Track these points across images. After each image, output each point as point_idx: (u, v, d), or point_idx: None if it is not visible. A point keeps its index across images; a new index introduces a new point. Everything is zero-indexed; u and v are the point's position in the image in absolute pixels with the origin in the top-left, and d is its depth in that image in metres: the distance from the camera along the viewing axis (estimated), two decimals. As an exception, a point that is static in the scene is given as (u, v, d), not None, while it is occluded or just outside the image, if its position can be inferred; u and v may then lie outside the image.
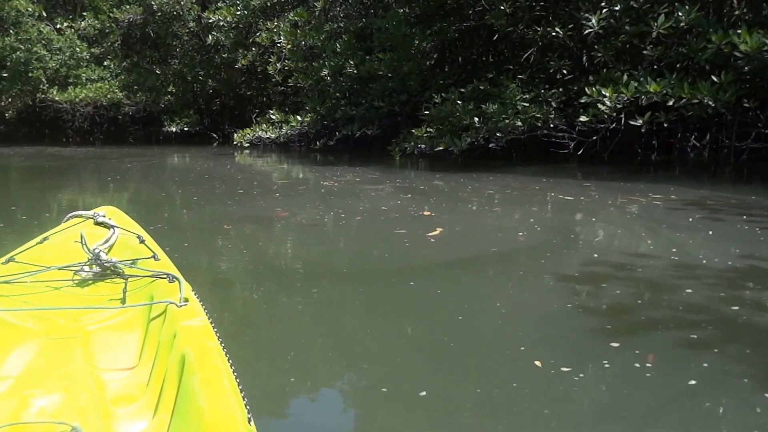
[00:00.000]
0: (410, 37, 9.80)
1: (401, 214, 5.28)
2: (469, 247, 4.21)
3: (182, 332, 1.44)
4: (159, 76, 15.60)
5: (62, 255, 2.10)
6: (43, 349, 1.50)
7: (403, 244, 4.17)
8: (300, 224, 4.97)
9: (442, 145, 8.78)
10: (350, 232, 4.72)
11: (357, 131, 11.62)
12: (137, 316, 1.70)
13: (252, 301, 3.17)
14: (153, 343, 1.53)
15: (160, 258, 2.10)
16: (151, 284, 1.87)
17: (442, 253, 4.01)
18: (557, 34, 9.05)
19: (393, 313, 2.89)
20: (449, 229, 4.65)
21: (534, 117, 8.39)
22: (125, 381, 1.44)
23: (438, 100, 9.42)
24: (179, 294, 1.67)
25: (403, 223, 4.86)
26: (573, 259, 3.82)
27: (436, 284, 3.35)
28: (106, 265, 1.97)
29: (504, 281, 3.44)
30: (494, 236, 4.55)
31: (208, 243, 4.39)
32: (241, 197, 6.55)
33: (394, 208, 5.58)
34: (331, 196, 6.60)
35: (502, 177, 7.79)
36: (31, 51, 14.32)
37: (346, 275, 3.57)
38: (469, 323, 2.68)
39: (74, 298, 1.87)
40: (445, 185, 7.35)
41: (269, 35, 13.20)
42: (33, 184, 8.73)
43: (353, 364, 2.33)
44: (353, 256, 4.08)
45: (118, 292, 1.89)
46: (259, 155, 13.09)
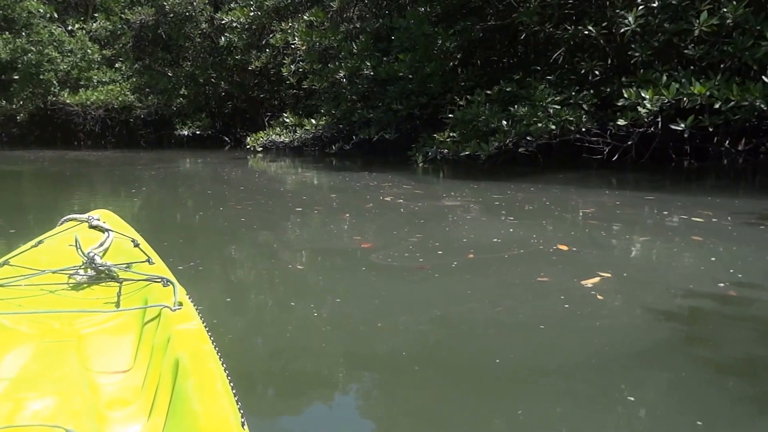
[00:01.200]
0: (432, 37, 9.29)
1: (525, 248, 3.87)
2: (662, 307, 2.70)
3: (176, 336, 1.44)
4: (171, 78, 15.23)
5: (57, 258, 2.10)
6: (38, 353, 1.50)
7: (560, 305, 2.74)
8: (396, 266, 3.50)
9: (468, 149, 8.25)
10: (475, 283, 3.12)
11: (374, 135, 11.13)
12: (132, 319, 1.69)
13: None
14: (147, 347, 1.52)
15: (155, 262, 2.09)
16: (145, 288, 1.86)
17: (627, 317, 2.59)
18: (590, 32, 8.49)
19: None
20: (615, 274, 3.20)
21: (567, 120, 7.83)
22: (119, 384, 1.43)
23: (462, 103, 8.88)
24: (173, 298, 1.67)
25: (537, 265, 3.44)
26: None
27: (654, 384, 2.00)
28: (101, 268, 1.97)
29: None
30: (691, 288, 2.99)
31: (278, 302, 2.91)
32: (300, 217, 5.28)
33: (510, 239, 4.14)
34: (410, 215, 5.21)
35: (570, 189, 6.72)
36: (43, 53, 14.02)
37: (522, 383, 2.07)
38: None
39: (69, 301, 1.86)
40: (530, 199, 6.01)
41: (283, 36, 12.77)
42: (44, 195, 7.89)
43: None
44: (501, 338, 2.43)
45: (112, 296, 1.89)
46: (272, 159, 12.66)
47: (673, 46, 8.35)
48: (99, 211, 2.72)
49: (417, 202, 5.99)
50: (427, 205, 5.82)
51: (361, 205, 5.90)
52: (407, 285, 3.15)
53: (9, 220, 5.39)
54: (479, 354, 2.27)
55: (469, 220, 5.01)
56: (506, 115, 8.35)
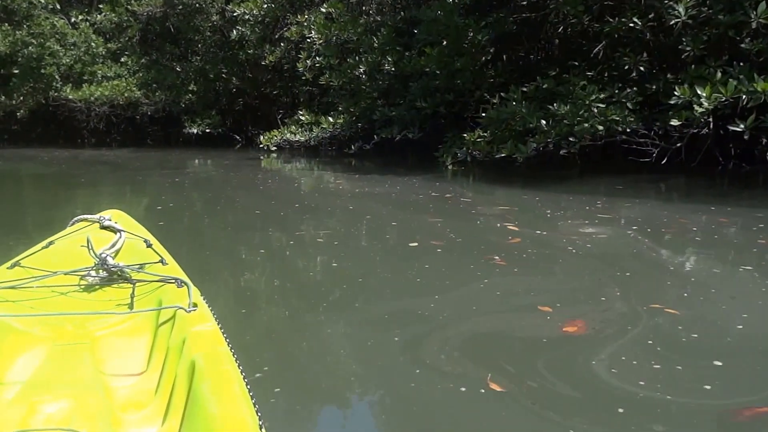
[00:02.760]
0: (463, 29, 8.67)
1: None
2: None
3: (191, 338, 1.41)
4: (179, 73, 14.60)
5: (68, 260, 2.07)
6: (51, 355, 1.49)
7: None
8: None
9: (504, 151, 7.65)
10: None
11: (397, 134, 10.52)
12: (145, 321, 1.68)
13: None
14: (162, 349, 1.50)
15: (168, 262, 2.06)
16: (159, 289, 1.84)
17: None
18: (635, 25, 7.89)
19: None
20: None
21: (614, 120, 7.23)
22: (134, 387, 1.42)
23: (496, 101, 8.28)
24: (188, 299, 1.64)
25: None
26: None
27: None
28: (113, 269, 1.94)
29: None
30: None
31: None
32: (426, 259, 3.59)
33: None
34: (589, 261, 3.62)
35: (665, 202, 5.88)
36: (44, 46, 13.39)
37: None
38: None
39: (81, 303, 1.85)
40: (694, 224, 4.79)
41: (299, 29, 12.15)
42: (77, 206, 6.17)
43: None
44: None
45: (125, 298, 1.87)
46: (291, 161, 12.04)
47: (727, 40, 7.75)
48: (110, 211, 2.68)
49: (546, 231, 4.44)
50: (559, 230, 4.42)
51: (497, 240, 4.10)
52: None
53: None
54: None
55: (691, 271, 3.47)
56: (545, 114, 7.75)
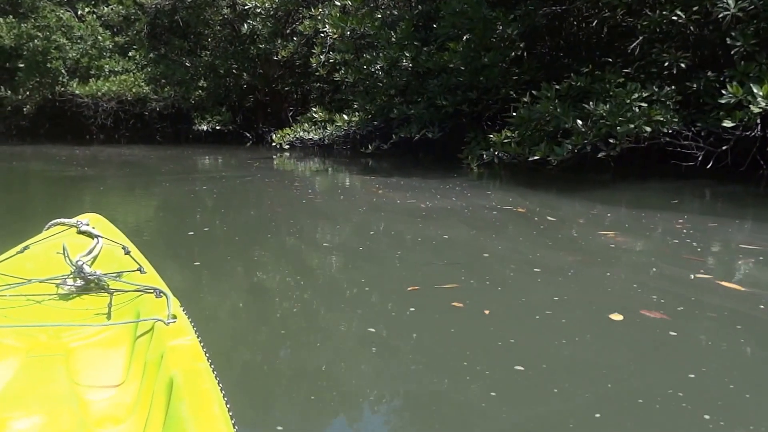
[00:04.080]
0: (491, 22, 8.11)
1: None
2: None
3: (170, 352, 1.38)
4: (189, 69, 14.11)
5: (44, 266, 2.01)
6: (24, 367, 1.44)
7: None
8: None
9: (537, 153, 7.08)
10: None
11: (416, 134, 9.98)
12: (123, 333, 1.62)
13: None
14: (139, 362, 1.47)
15: (147, 271, 1.99)
16: (137, 299, 1.78)
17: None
18: (678, 18, 7.30)
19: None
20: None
21: (658, 121, 6.65)
22: (110, 401, 1.38)
23: (527, 99, 7.71)
24: (167, 310, 1.59)
25: None
26: None
27: None
28: (90, 278, 1.89)
29: None
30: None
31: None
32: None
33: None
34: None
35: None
36: (50, 39, 12.93)
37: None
38: None
39: (56, 312, 1.79)
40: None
41: (312, 23, 11.62)
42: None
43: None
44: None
45: (102, 307, 1.81)
46: (302, 159, 11.55)
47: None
48: (88, 215, 2.61)
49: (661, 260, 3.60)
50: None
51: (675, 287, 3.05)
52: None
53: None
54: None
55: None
56: (581, 113, 7.18)
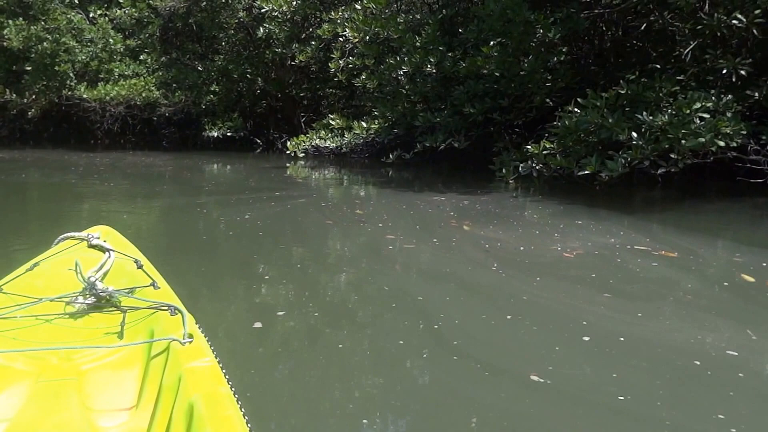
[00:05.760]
0: (531, 25, 7.54)
1: None
2: None
3: (188, 375, 1.33)
4: (201, 73, 13.58)
5: (54, 284, 1.93)
6: (35, 392, 1.40)
7: None
8: None
9: (588, 168, 6.47)
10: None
11: (441, 143, 9.39)
12: (136, 353, 1.56)
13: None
14: (154, 385, 1.41)
15: (160, 286, 1.93)
16: (151, 316, 1.71)
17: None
18: (739, 21, 6.72)
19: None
20: None
21: (725, 134, 6.04)
22: (123, 426, 1.33)
23: (571, 107, 7.12)
24: (183, 329, 1.53)
25: None
26: None
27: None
28: (102, 295, 1.82)
29: None
30: None
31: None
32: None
33: None
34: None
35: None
36: (59, 42, 12.43)
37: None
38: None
39: (68, 332, 1.71)
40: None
41: (331, 27, 11.08)
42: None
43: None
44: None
45: (115, 326, 1.73)
46: (320, 168, 10.96)
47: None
48: (99, 227, 2.54)
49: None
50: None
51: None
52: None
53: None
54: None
55: None
56: (636, 124, 6.57)
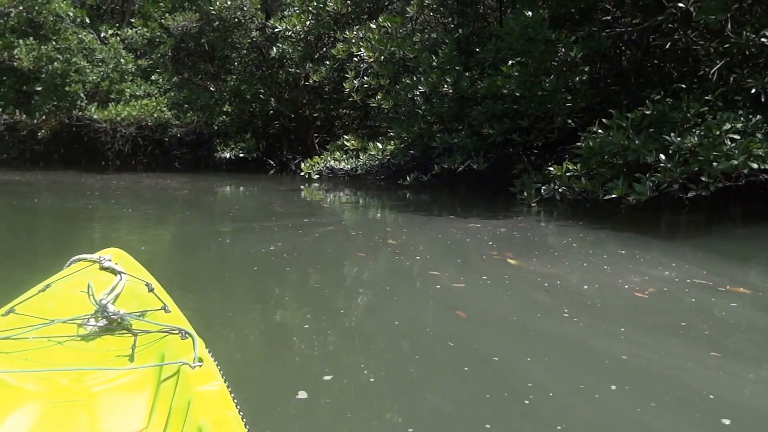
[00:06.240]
0: (553, 44, 7.35)
1: None
2: None
3: (197, 399, 1.34)
4: (213, 93, 13.47)
5: (66, 305, 1.95)
6: (45, 413, 1.42)
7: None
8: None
9: (615, 191, 6.23)
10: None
11: (459, 165, 9.18)
12: (146, 376, 1.57)
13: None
14: (164, 408, 1.43)
15: (171, 310, 1.93)
16: (161, 340, 1.71)
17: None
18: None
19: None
20: None
21: (758, 156, 5.79)
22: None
23: (596, 129, 6.90)
24: (193, 353, 1.53)
25: None
26: None
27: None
28: (114, 317, 1.82)
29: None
30: None
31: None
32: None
33: None
34: None
35: None
36: (70, 62, 12.36)
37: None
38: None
39: (79, 354, 1.71)
40: None
41: (346, 47, 10.95)
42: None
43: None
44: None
45: (126, 349, 1.73)
46: (329, 189, 10.78)
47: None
48: (110, 250, 2.52)
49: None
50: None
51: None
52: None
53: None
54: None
55: None
56: (663, 146, 6.34)
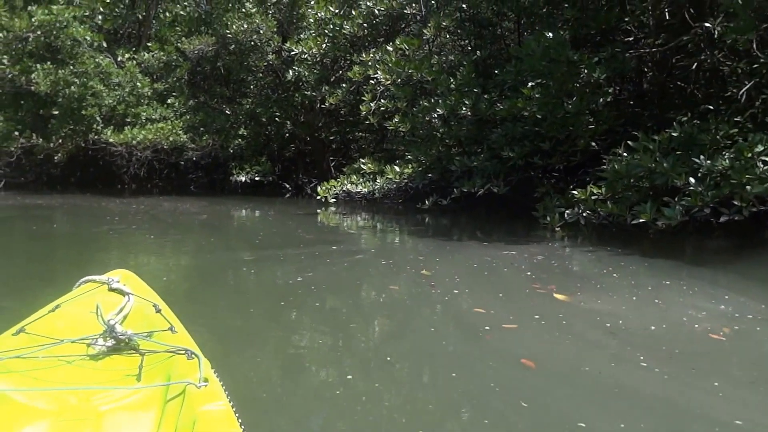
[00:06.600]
0: (575, 65, 7.18)
1: None
2: None
3: (202, 418, 1.37)
4: (229, 116, 13.43)
5: (75, 325, 1.98)
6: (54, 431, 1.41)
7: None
8: None
9: (643, 216, 5.99)
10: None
11: (479, 188, 8.99)
12: (153, 396, 1.60)
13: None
14: (170, 426, 1.44)
15: (177, 331, 1.96)
16: (168, 360, 1.74)
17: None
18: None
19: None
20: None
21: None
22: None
23: (621, 150, 6.69)
24: (198, 373, 1.57)
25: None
26: None
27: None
28: (121, 337, 1.85)
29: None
30: None
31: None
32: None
33: None
34: None
35: None
36: (87, 86, 12.38)
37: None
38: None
39: (87, 373, 1.75)
40: None
41: (362, 69, 10.86)
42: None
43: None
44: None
45: (133, 368, 1.77)
46: (347, 213, 10.61)
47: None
48: (119, 271, 2.55)
49: None
50: None
51: None
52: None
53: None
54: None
55: None
56: (692, 168, 6.11)
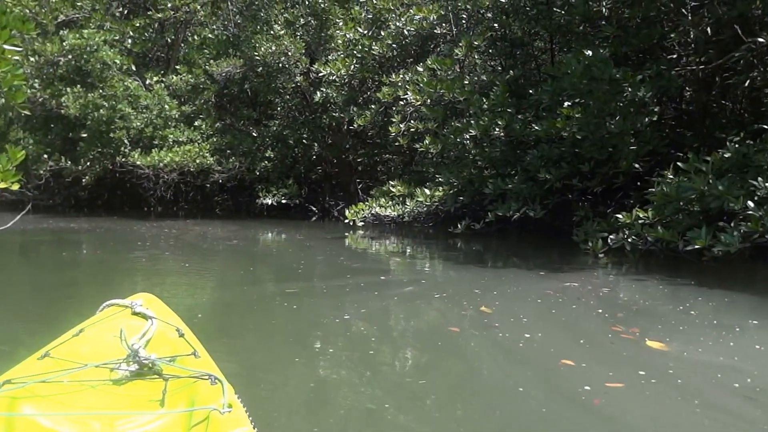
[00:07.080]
0: (618, 83, 6.83)
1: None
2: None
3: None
4: (256, 139, 13.29)
5: (99, 350, 1.98)
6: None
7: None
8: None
9: (698, 242, 5.57)
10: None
11: (515, 212, 8.62)
12: (177, 421, 1.60)
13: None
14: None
15: (201, 355, 1.96)
16: (192, 385, 1.73)
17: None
18: None
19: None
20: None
21: None
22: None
23: (670, 173, 6.29)
24: (222, 399, 1.57)
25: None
26: None
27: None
28: (145, 362, 1.85)
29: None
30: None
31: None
32: None
33: None
34: None
35: None
36: (115, 108, 12.35)
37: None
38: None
39: (111, 398, 1.75)
40: None
41: (392, 90, 10.64)
42: None
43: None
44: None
45: (157, 393, 1.76)
46: (376, 237, 10.31)
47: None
48: (142, 295, 2.56)
49: None
50: None
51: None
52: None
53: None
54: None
55: None
56: (749, 191, 5.68)
